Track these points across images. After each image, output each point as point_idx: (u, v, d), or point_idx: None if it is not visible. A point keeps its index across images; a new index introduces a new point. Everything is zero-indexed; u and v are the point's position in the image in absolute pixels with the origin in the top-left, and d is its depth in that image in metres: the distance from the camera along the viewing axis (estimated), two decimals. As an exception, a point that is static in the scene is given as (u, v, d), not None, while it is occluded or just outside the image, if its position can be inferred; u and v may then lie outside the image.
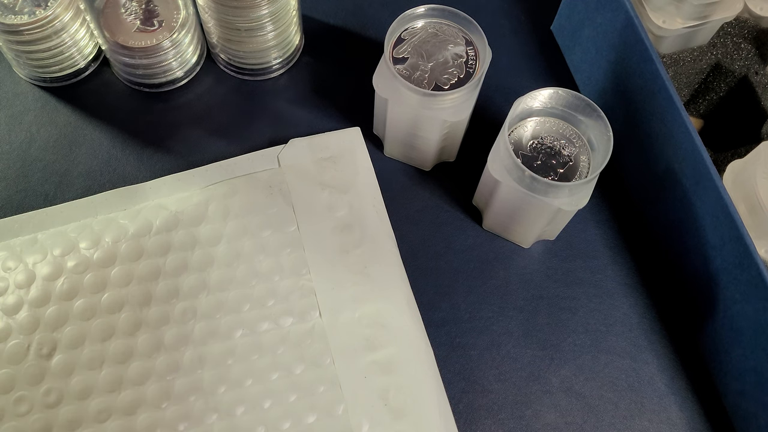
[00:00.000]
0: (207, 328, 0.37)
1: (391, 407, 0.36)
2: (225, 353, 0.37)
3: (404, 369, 0.37)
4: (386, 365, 0.37)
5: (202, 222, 0.40)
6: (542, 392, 0.39)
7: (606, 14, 0.41)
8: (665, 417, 0.39)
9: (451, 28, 0.40)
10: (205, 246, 0.39)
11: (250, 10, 0.41)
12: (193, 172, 0.42)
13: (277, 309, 0.38)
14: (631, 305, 0.41)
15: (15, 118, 0.45)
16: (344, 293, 0.39)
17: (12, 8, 0.41)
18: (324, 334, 0.38)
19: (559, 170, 0.37)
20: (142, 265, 0.38)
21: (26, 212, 0.41)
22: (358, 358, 0.37)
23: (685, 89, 0.44)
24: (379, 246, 0.40)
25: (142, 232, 0.39)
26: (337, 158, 0.42)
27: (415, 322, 0.39)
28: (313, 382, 0.37)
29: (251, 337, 0.37)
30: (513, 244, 0.43)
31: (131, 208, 0.40)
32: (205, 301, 0.38)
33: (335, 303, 0.38)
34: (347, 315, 0.38)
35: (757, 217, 0.35)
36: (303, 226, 0.40)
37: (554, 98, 0.38)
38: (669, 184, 0.39)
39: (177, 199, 0.41)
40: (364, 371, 0.37)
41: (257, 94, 0.46)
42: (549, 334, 0.40)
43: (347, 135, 0.43)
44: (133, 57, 0.43)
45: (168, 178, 0.42)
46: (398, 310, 0.39)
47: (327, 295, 0.39)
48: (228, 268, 0.39)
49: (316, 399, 0.36)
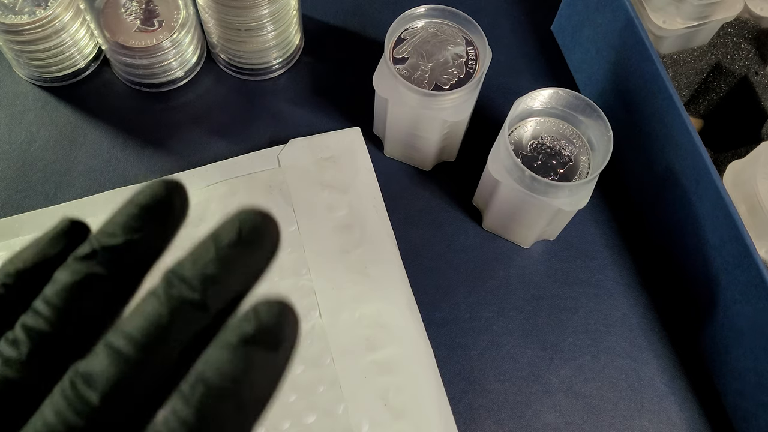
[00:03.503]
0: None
1: (391, 407, 0.36)
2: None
3: (404, 369, 0.37)
4: (386, 365, 0.37)
5: (201, 222, 0.40)
6: (542, 392, 0.39)
7: (606, 14, 0.41)
8: (665, 417, 0.39)
9: (451, 28, 0.40)
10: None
11: (250, 10, 0.41)
12: (192, 172, 0.42)
13: None
14: (631, 305, 0.41)
15: (15, 118, 0.45)
16: (344, 293, 0.39)
17: (12, 8, 0.41)
18: (324, 334, 0.37)
19: (559, 170, 0.37)
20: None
21: (26, 212, 0.41)
22: (357, 358, 0.37)
23: (685, 89, 0.44)
24: (379, 246, 0.40)
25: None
26: (338, 158, 0.42)
27: (415, 323, 0.39)
28: (312, 382, 0.37)
29: None
30: (513, 244, 0.43)
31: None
32: None
33: (335, 303, 0.38)
34: (347, 315, 0.38)
35: (757, 217, 0.35)
36: (303, 226, 0.40)
37: (554, 98, 0.38)
38: (669, 184, 0.39)
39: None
40: (364, 371, 0.37)
41: (257, 94, 0.46)
42: (549, 334, 0.40)
43: (347, 135, 0.43)
44: (133, 57, 0.43)
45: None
46: (398, 311, 0.39)
47: (327, 295, 0.39)
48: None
49: (315, 399, 0.36)
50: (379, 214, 0.41)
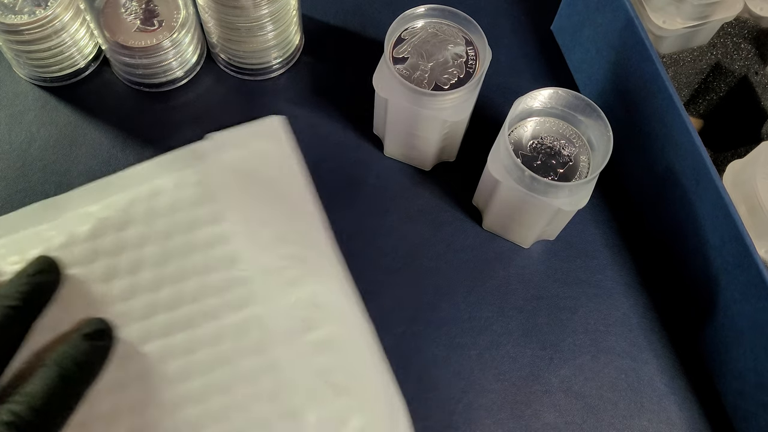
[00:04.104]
0: (141, 330, 0.37)
1: (333, 384, 0.36)
2: (162, 353, 0.37)
3: (343, 346, 0.37)
4: (325, 344, 0.37)
5: (128, 225, 0.39)
6: (542, 392, 0.39)
7: (606, 14, 0.41)
8: (665, 417, 0.39)
9: (451, 28, 0.40)
10: (133, 249, 0.39)
11: (250, 10, 0.41)
12: (116, 176, 0.42)
13: (212, 303, 0.38)
14: (631, 305, 0.41)
15: (15, 118, 0.45)
16: (278, 279, 0.39)
17: (12, 8, 0.41)
18: (261, 322, 0.38)
19: (559, 170, 0.37)
20: (70, 274, 0.38)
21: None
22: (296, 341, 0.37)
23: (685, 89, 0.44)
24: (310, 229, 0.40)
25: (68, 242, 0.39)
26: (262, 148, 0.42)
27: (350, 299, 0.39)
28: (255, 371, 0.37)
29: (189, 333, 0.37)
30: (513, 244, 0.43)
31: (56, 219, 0.40)
32: (136, 303, 0.38)
33: (270, 290, 0.38)
34: (283, 300, 0.38)
35: (757, 217, 0.35)
36: (232, 218, 0.40)
37: (554, 98, 0.38)
38: (669, 184, 0.39)
39: (103, 206, 0.40)
40: (304, 353, 0.37)
41: (257, 94, 0.46)
42: (549, 334, 0.40)
43: (270, 123, 0.43)
44: (133, 57, 0.43)
45: (92, 185, 0.41)
46: (333, 290, 0.39)
47: (261, 283, 0.39)
48: (159, 268, 0.38)
49: (260, 388, 0.36)
50: (309, 199, 0.41)
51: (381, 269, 0.41)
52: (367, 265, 0.41)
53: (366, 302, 0.40)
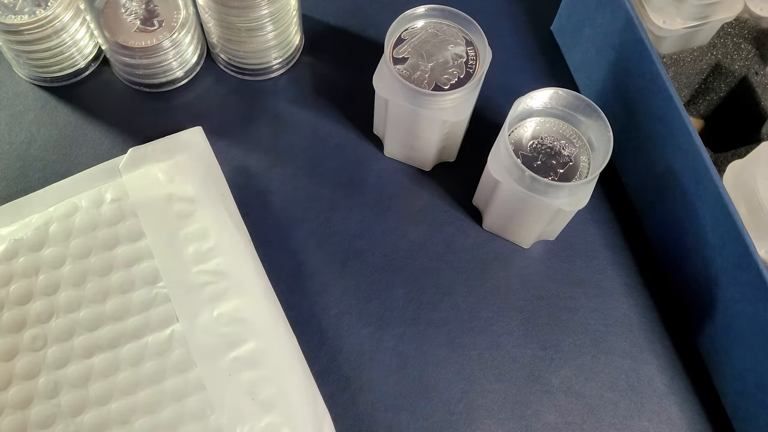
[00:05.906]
0: (60, 353, 0.36)
1: (260, 401, 0.36)
2: (83, 376, 0.36)
3: (268, 361, 0.37)
4: (250, 360, 0.37)
5: (44, 246, 0.39)
6: (542, 392, 0.39)
7: (606, 14, 0.41)
8: (665, 417, 0.39)
9: (451, 28, 0.40)
10: (49, 269, 0.38)
11: (250, 10, 0.41)
12: (30, 197, 0.41)
13: (133, 322, 0.37)
14: (631, 305, 0.41)
15: (15, 118, 0.45)
16: (200, 295, 0.38)
17: (12, 8, 0.41)
18: (184, 339, 0.37)
19: (559, 170, 0.37)
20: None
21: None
22: (220, 358, 0.36)
23: (685, 89, 0.44)
24: (231, 243, 0.39)
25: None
26: (180, 162, 0.41)
27: (273, 313, 0.38)
28: (179, 391, 0.36)
29: (110, 354, 0.36)
30: (513, 244, 0.43)
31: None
32: (55, 325, 0.37)
33: (192, 307, 0.38)
34: (205, 316, 0.37)
35: (757, 217, 0.35)
36: (151, 235, 0.39)
37: (554, 98, 0.38)
38: (669, 184, 0.39)
39: (17, 227, 0.39)
40: (228, 369, 0.36)
41: (257, 94, 0.46)
42: (549, 334, 0.40)
43: (188, 136, 0.43)
44: (133, 57, 0.43)
45: (5, 207, 0.41)
46: (255, 303, 0.38)
47: (182, 300, 0.38)
48: (76, 289, 0.38)
49: (184, 407, 0.35)
50: (229, 211, 0.41)
51: (381, 269, 0.41)
52: (367, 265, 0.41)
53: (366, 302, 0.40)
